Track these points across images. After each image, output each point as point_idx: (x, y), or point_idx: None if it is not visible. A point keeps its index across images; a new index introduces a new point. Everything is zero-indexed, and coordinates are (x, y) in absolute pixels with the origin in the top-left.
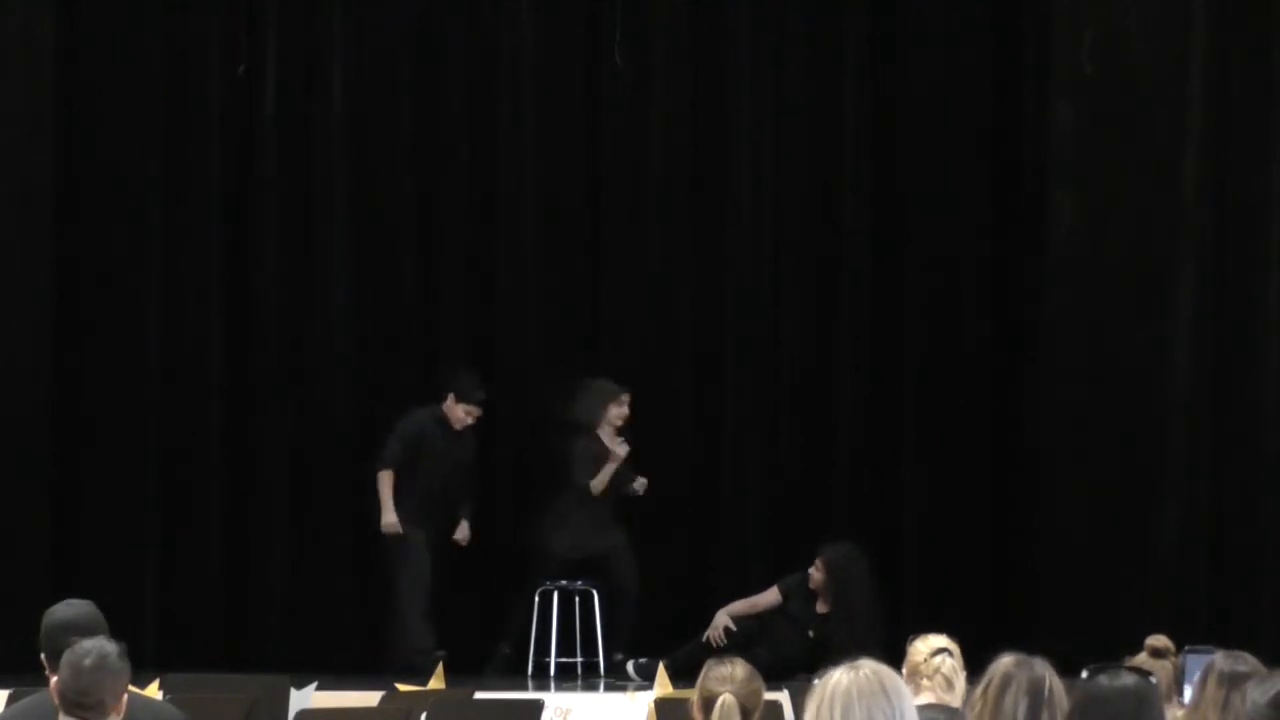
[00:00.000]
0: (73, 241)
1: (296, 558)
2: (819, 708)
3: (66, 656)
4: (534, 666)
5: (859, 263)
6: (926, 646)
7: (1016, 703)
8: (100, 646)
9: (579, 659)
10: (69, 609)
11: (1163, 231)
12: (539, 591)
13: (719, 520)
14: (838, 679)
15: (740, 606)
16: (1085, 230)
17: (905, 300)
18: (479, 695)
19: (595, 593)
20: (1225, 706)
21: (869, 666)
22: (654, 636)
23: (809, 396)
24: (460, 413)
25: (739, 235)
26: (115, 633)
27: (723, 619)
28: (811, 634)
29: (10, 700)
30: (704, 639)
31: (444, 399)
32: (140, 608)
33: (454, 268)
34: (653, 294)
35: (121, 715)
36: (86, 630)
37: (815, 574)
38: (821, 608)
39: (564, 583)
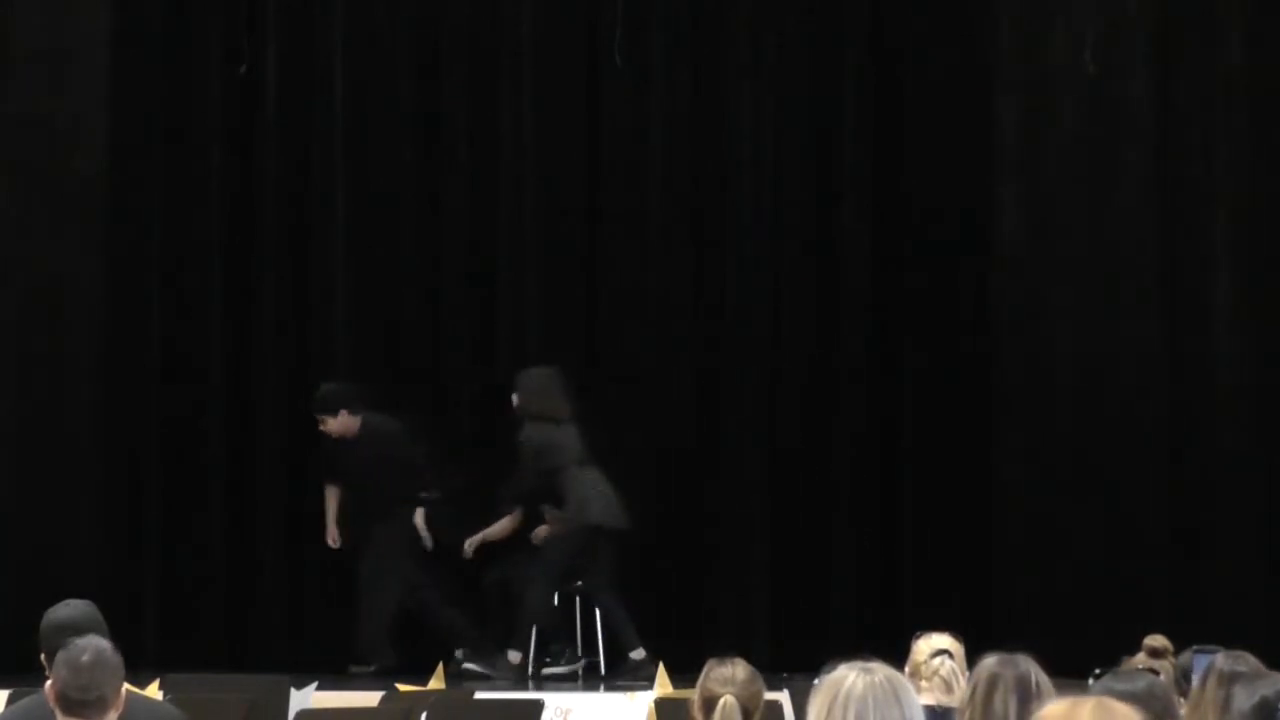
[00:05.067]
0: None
1: (297, 558)
2: (830, 709)
3: (62, 655)
4: (534, 666)
5: (859, 262)
6: (928, 646)
7: (1006, 702)
8: (95, 642)
9: (579, 659)
10: (68, 609)
11: (1110, 230)
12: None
13: (718, 519)
14: (852, 682)
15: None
16: (1032, 229)
17: (906, 301)
18: (479, 695)
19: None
20: (1224, 706)
21: (883, 671)
22: (647, 639)
23: (809, 394)
24: None
25: (739, 235)
26: (115, 633)
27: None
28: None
29: (10, 700)
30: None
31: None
32: (140, 608)
33: (455, 266)
34: (652, 294)
35: (120, 712)
36: (85, 630)
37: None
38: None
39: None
